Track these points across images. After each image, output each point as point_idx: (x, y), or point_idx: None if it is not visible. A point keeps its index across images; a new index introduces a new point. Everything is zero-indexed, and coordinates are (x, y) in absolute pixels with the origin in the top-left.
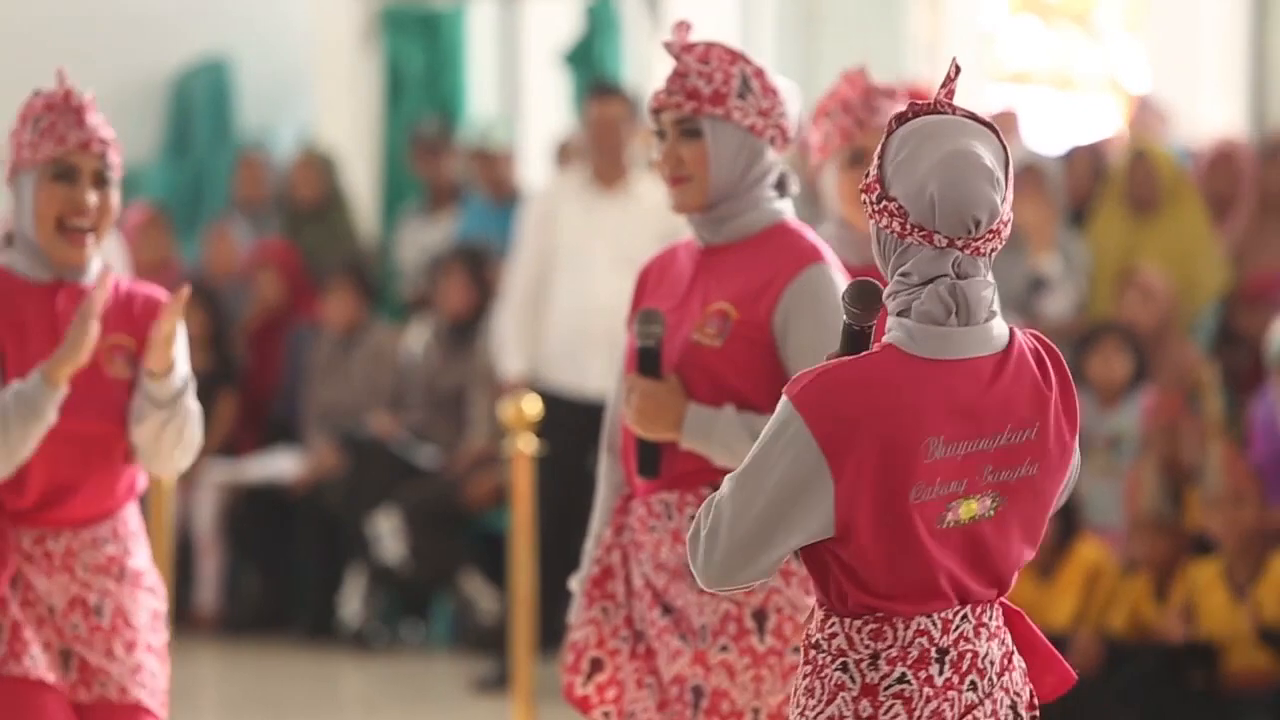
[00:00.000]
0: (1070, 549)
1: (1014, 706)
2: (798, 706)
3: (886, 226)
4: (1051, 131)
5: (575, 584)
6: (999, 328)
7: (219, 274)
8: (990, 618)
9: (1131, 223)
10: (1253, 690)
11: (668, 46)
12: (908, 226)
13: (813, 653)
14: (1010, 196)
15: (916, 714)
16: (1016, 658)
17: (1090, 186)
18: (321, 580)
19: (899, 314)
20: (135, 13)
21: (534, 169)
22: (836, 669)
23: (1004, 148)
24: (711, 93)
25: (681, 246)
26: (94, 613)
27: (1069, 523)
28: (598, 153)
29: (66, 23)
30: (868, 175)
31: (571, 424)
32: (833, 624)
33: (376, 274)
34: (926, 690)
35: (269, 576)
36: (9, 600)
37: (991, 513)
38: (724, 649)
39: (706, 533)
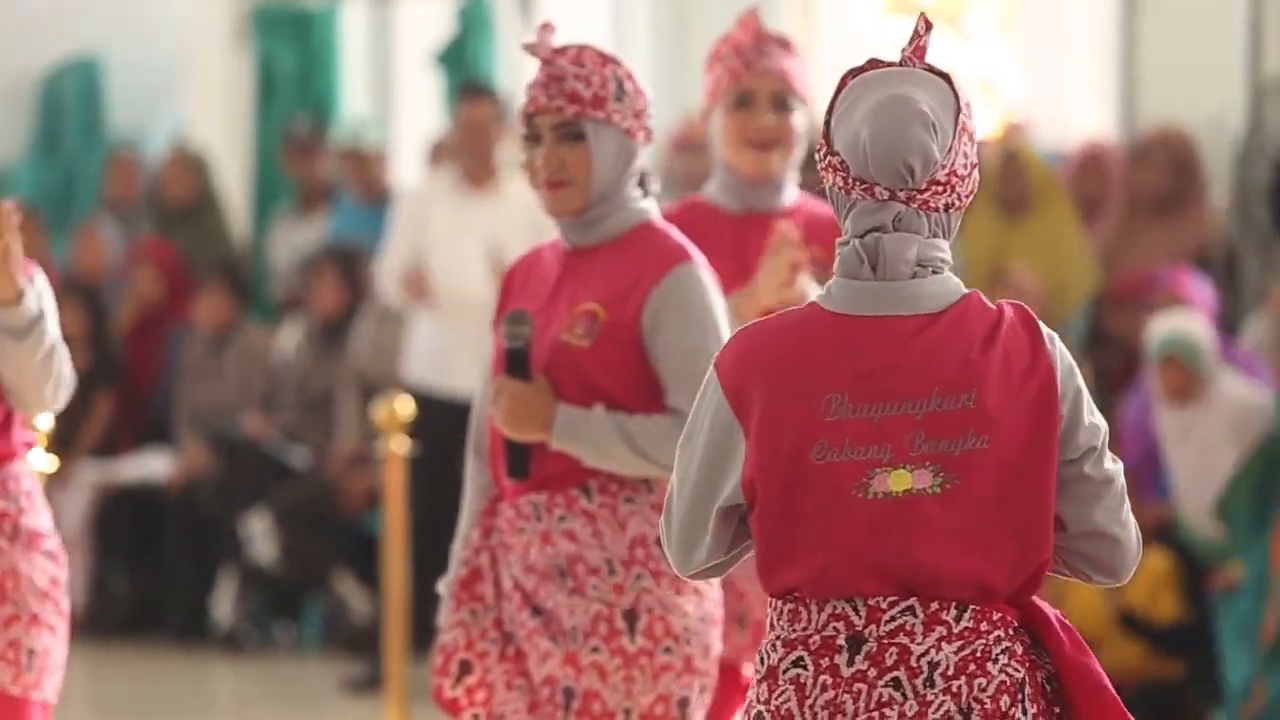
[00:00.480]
0: None
1: (967, 712)
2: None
3: (833, 183)
4: None
5: (443, 587)
6: (935, 288)
7: (89, 274)
8: (958, 618)
9: (1002, 224)
10: (1121, 684)
11: (533, 49)
12: (850, 181)
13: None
14: (962, 148)
15: (809, 702)
16: (1001, 669)
17: None
18: (193, 581)
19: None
20: (4, 11)
21: (406, 169)
22: (760, 655)
23: (957, 98)
24: (592, 96)
25: (546, 248)
26: None
27: None
28: (468, 153)
29: None
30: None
31: (443, 424)
32: (769, 612)
33: (248, 274)
34: (824, 679)
35: (139, 577)
36: None
37: (937, 489)
38: (595, 650)
39: (663, 515)
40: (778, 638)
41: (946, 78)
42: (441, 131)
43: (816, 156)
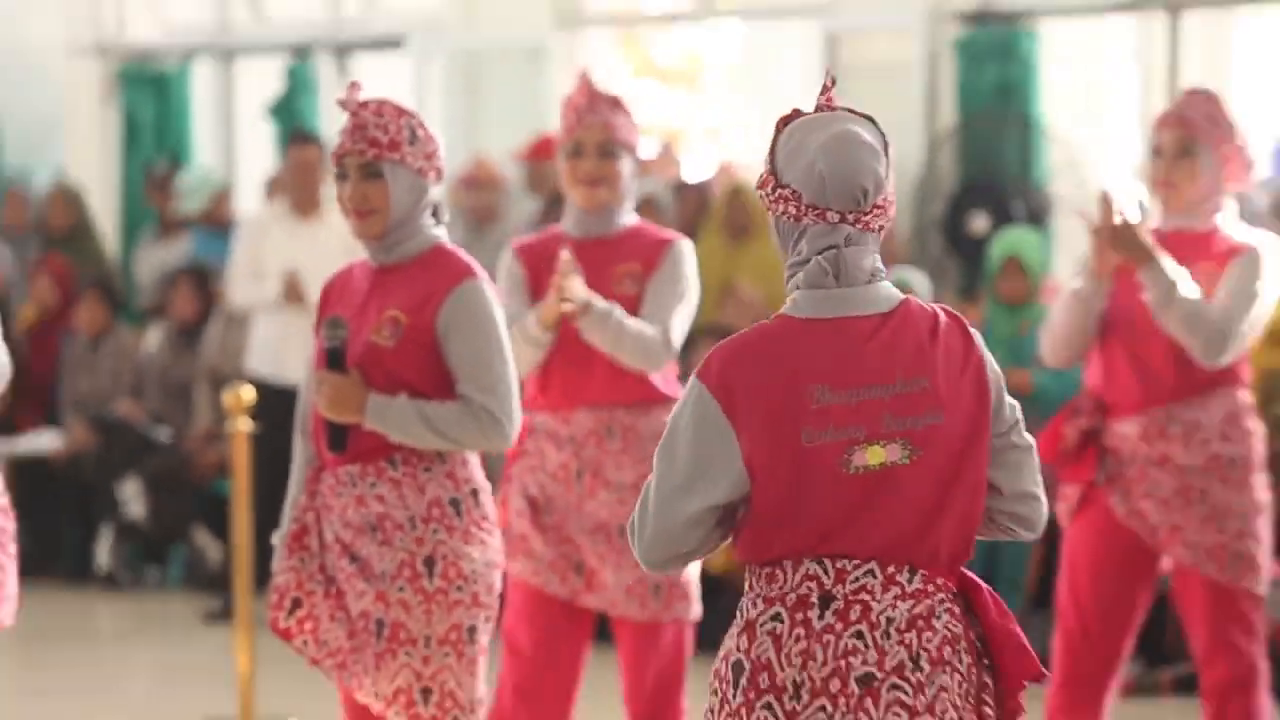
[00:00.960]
0: None
1: (916, 660)
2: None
3: (784, 213)
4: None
5: (277, 539)
6: (885, 292)
7: None
8: (909, 579)
9: (729, 247)
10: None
11: (342, 103)
12: (803, 208)
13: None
14: (892, 176)
15: (784, 651)
16: (947, 619)
17: (696, 217)
18: (78, 533)
19: (794, 291)
20: None
21: (246, 201)
22: (739, 610)
23: (882, 136)
24: (388, 141)
25: (357, 266)
26: None
27: None
28: (297, 189)
29: None
30: (762, 174)
31: (277, 408)
32: (746, 574)
33: (119, 287)
34: (798, 631)
35: (35, 530)
36: None
37: (906, 460)
38: (401, 589)
39: (638, 512)
40: (758, 595)
41: (870, 119)
42: (275, 171)
43: (762, 192)
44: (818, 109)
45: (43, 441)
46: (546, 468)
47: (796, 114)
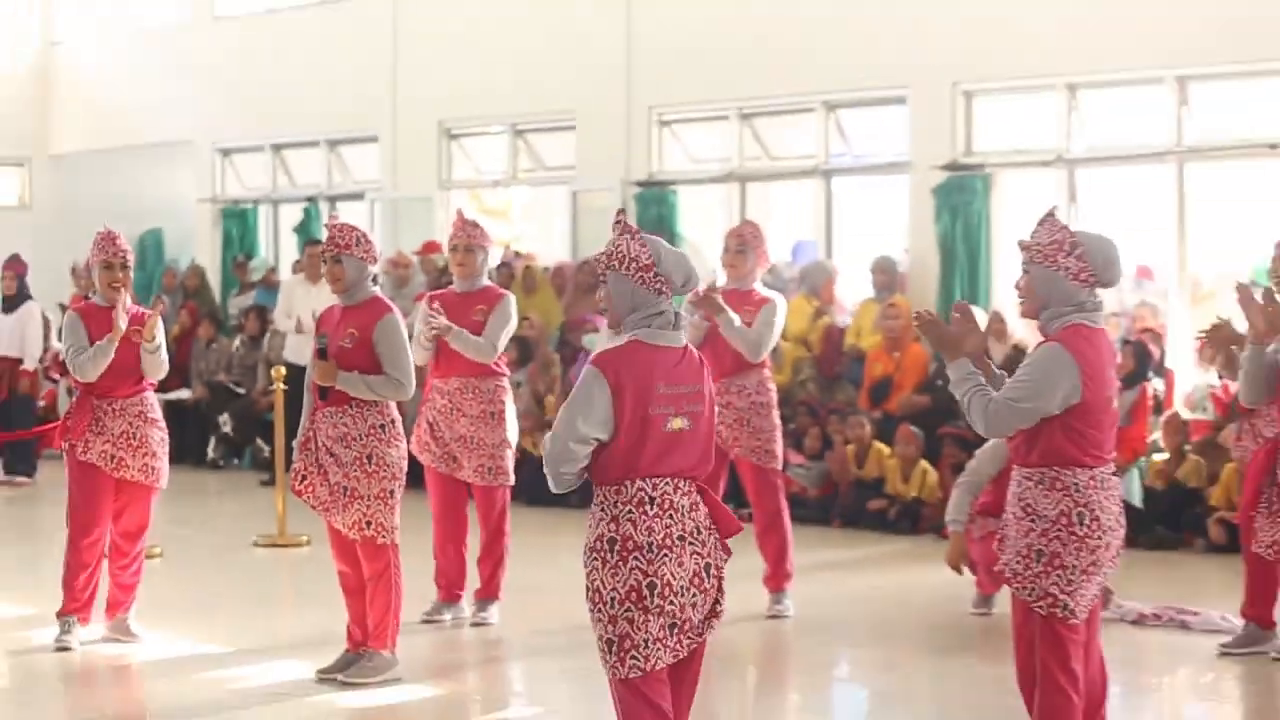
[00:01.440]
0: None
1: (698, 527)
2: (587, 538)
3: (654, 288)
4: None
5: (295, 444)
6: (681, 337)
7: None
8: (687, 486)
9: (525, 298)
10: None
11: (326, 225)
12: (667, 288)
13: (594, 507)
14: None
15: (639, 527)
16: (702, 506)
17: (508, 282)
18: (200, 442)
19: (639, 329)
20: None
21: (284, 274)
22: (598, 509)
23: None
24: (344, 243)
25: (336, 306)
26: None
27: None
28: (307, 268)
29: None
30: (645, 263)
31: (297, 378)
32: (601, 493)
33: (221, 318)
34: (640, 514)
35: (178, 440)
36: None
37: (688, 426)
38: (355, 471)
39: (549, 440)
40: (612, 501)
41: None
42: (298, 259)
43: (646, 276)
44: (639, 234)
45: (183, 394)
46: (437, 406)
47: (638, 231)
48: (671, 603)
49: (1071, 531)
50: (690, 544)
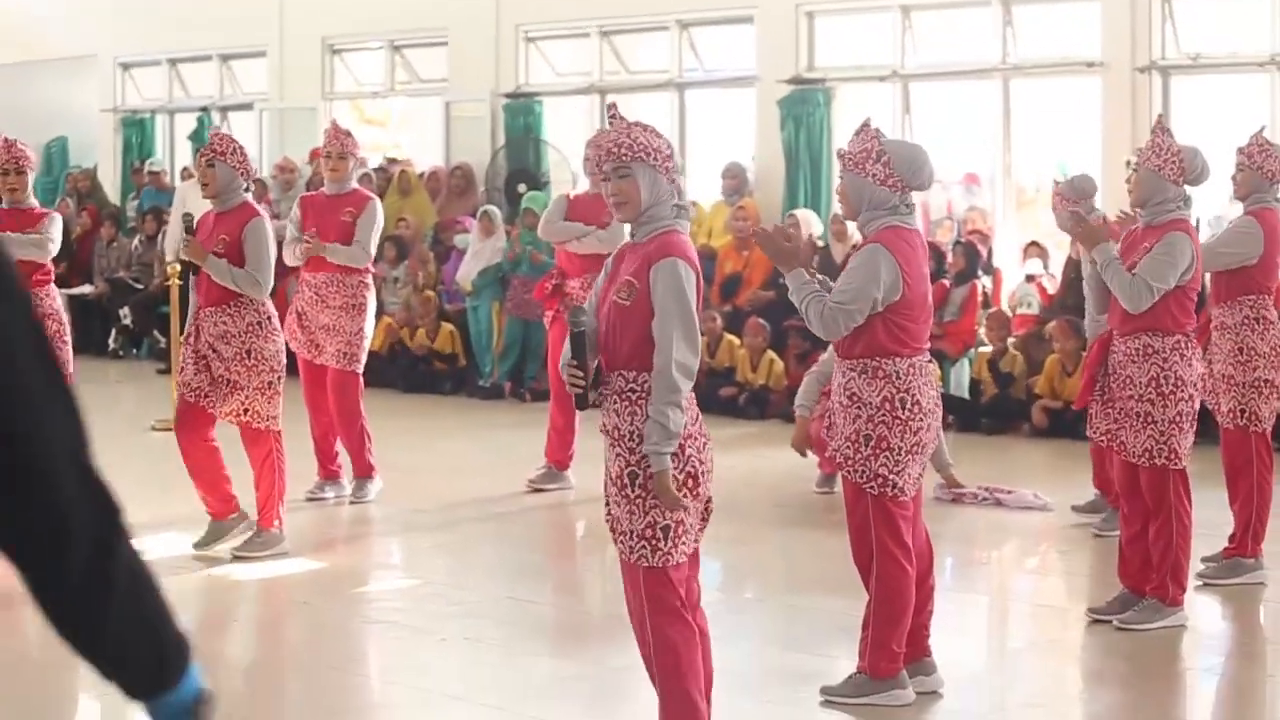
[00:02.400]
0: None
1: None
2: (633, 427)
3: (675, 180)
4: None
5: (183, 336)
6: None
7: None
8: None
9: (400, 200)
10: None
11: (209, 133)
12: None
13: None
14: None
15: (685, 413)
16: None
17: (383, 186)
18: (101, 333)
19: (678, 220)
20: None
21: (176, 179)
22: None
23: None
24: (219, 150)
25: (211, 213)
26: None
27: None
28: (197, 172)
29: None
30: (667, 152)
31: (187, 277)
32: (643, 377)
33: (120, 220)
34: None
35: (80, 332)
36: None
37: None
38: (236, 363)
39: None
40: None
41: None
42: (188, 165)
43: (670, 165)
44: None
45: (85, 289)
46: (305, 297)
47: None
48: (703, 489)
49: (895, 416)
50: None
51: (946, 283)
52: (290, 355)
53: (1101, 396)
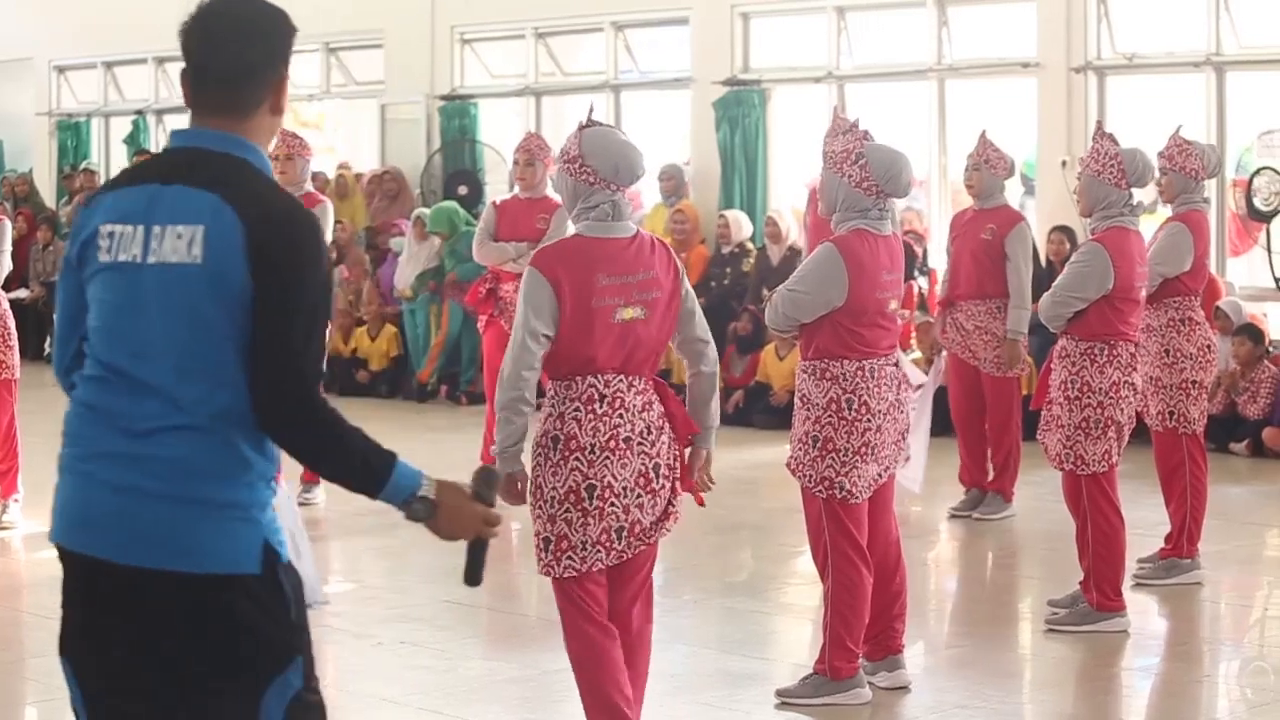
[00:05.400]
0: None
1: (649, 427)
2: (535, 432)
3: (581, 180)
4: None
5: None
6: (630, 226)
7: None
8: (641, 384)
9: (339, 202)
10: None
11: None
12: (598, 180)
13: (545, 402)
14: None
15: (584, 427)
16: (657, 404)
17: (324, 188)
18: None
19: (580, 222)
20: None
21: None
22: (548, 404)
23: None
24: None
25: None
26: None
27: None
28: None
29: None
30: (571, 154)
31: None
32: (551, 388)
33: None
34: (589, 414)
35: None
36: None
37: (642, 316)
38: None
39: (510, 346)
40: (562, 398)
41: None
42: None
43: (573, 168)
44: (599, 124)
45: (21, 294)
46: None
47: (592, 124)
48: (613, 505)
49: (841, 416)
50: (639, 445)
51: (914, 283)
52: None
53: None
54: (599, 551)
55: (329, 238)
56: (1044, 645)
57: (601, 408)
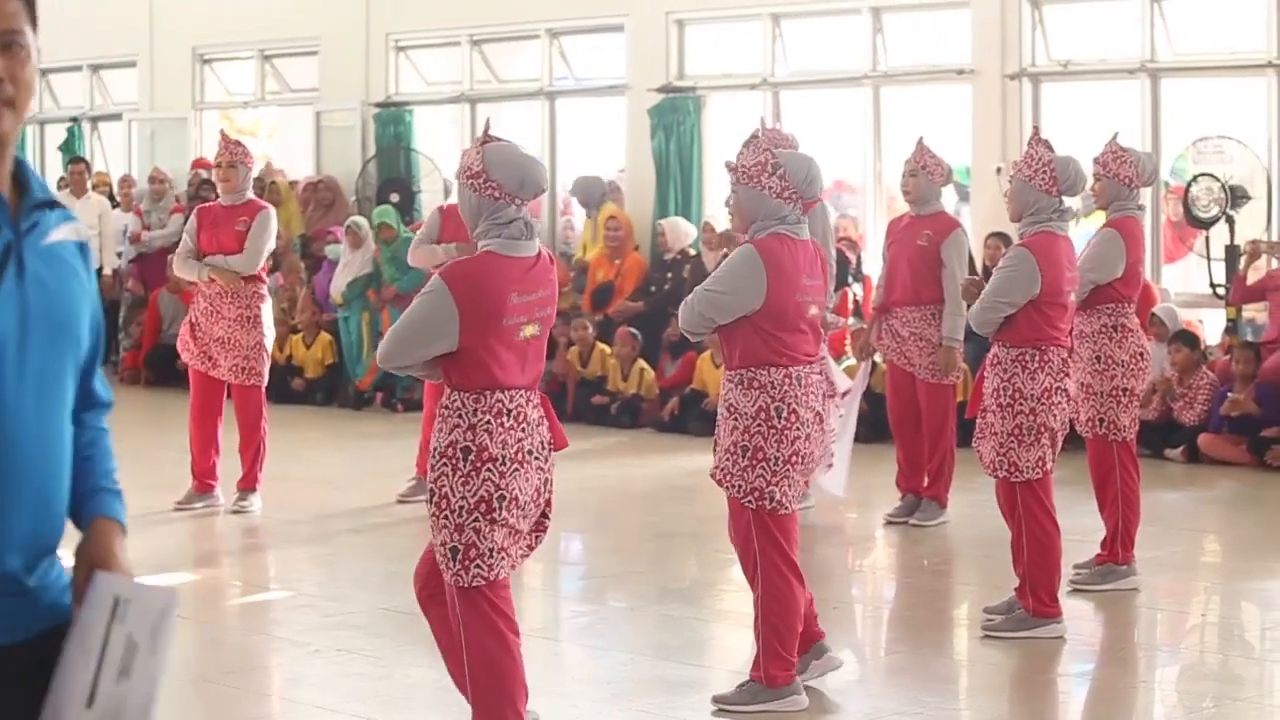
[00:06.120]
0: None
1: (543, 441)
2: (436, 442)
3: (486, 196)
4: None
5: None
6: (535, 245)
7: None
8: (536, 398)
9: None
10: None
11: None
12: (503, 195)
13: (444, 410)
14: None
15: (494, 439)
16: (544, 421)
17: (264, 194)
18: None
19: (490, 239)
20: None
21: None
22: (453, 415)
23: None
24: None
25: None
26: None
27: None
28: (72, 183)
29: None
30: (474, 170)
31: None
32: (455, 398)
33: None
34: (498, 426)
35: None
36: None
37: (538, 333)
38: None
39: (388, 336)
40: (470, 410)
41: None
42: (61, 174)
43: (477, 184)
44: (498, 139)
45: None
46: (199, 308)
47: (489, 139)
48: (516, 515)
49: (770, 425)
50: (535, 458)
51: (849, 290)
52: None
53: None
54: (504, 559)
55: (271, 245)
56: (980, 651)
57: (509, 421)
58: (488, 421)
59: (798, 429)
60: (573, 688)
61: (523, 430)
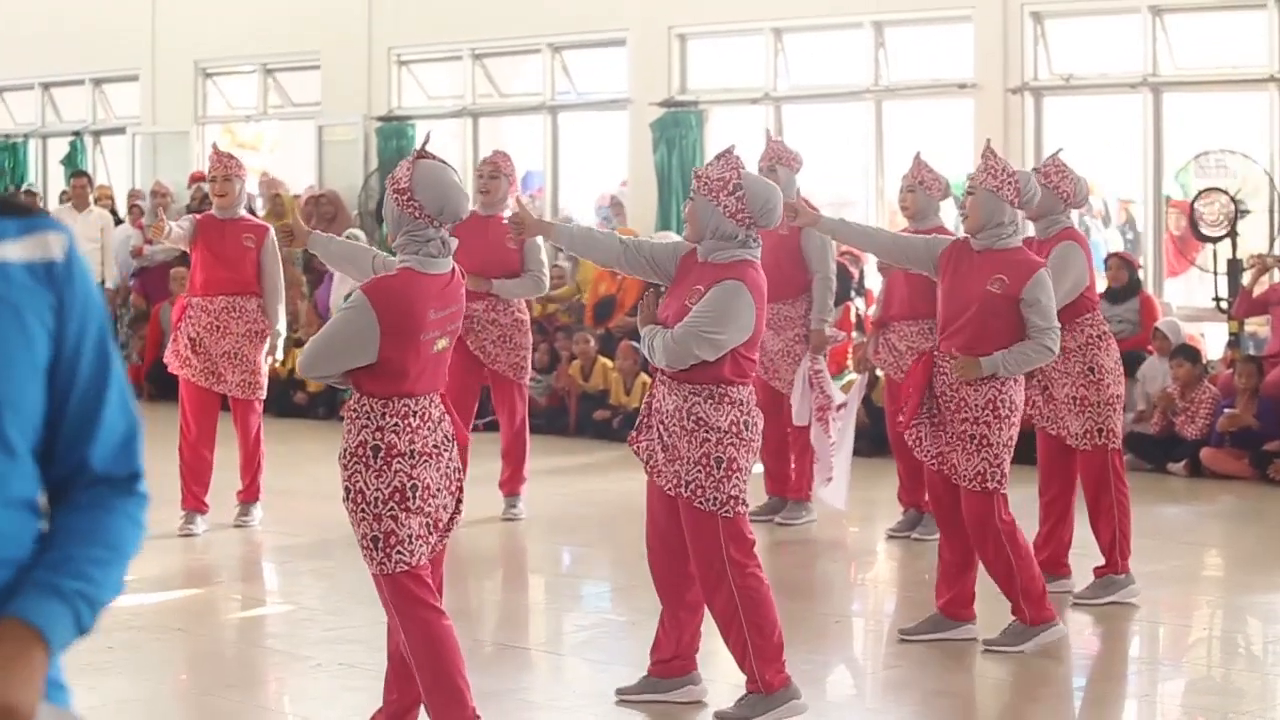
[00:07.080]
0: None
1: (446, 436)
2: (346, 443)
3: (408, 213)
4: None
5: None
6: (449, 262)
7: None
8: (438, 399)
9: (276, 223)
10: None
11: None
12: (423, 214)
13: (353, 412)
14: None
15: (402, 437)
16: (447, 418)
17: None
18: None
19: (409, 255)
20: None
21: (53, 203)
22: (360, 417)
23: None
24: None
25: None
26: None
27: None
28: (75, 197)
29: None
30: (401, 185)
31: None
32: (365, 402)
33: None
34: (405, 426)
35: None
36: None
37: (448, 345)
38: None
39: (311, 344)
40: (380, 413)
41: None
42: (64, 188)
43: (400, 199)
44: (433, 157)
45: None
46: (201, 323)
47: (421, 156)
48: (429, 504)
49: (741, 437)
50: (442, 450)
51: (850, 305)
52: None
53: (931, 419)
54: (422, 545)
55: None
56: (983, 666)
57: (415, 421)
58: (395, 423)
59: (755, 440)
60: (575, 702)
61: (427, 429)
